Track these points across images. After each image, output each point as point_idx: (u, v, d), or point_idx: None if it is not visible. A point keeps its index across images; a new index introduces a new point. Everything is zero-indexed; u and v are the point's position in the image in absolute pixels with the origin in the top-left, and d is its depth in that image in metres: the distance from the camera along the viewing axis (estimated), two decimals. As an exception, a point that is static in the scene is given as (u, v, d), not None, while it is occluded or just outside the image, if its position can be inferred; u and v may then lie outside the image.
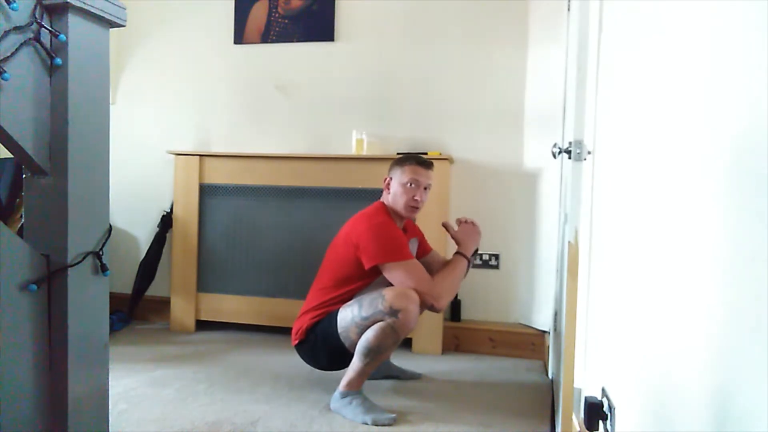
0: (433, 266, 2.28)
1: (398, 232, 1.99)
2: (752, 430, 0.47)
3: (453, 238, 2.12)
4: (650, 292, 0.81)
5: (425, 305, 1.92)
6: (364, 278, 1.98)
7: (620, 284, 1.02)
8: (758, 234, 0.47)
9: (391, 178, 2.08)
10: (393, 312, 1.84)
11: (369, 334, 1.86)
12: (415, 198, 2.02)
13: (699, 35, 0.66)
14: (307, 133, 3.04)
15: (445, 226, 2.16)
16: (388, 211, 2.06)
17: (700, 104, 0.64)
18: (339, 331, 1.92)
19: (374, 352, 1.86)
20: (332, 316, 1.96)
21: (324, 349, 1.99)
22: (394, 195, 2.05)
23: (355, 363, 1.90)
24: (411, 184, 2.02)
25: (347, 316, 1.92)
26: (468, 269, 2.07)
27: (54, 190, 0.96)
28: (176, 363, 2.41)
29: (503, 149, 2.80)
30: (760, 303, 0.46)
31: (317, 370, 2.25)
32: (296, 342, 2.05)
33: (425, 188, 2.05)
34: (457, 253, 2.07)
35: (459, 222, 2.15)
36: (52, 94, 0.95)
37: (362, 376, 1.91)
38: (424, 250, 2.28)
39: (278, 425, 1.81)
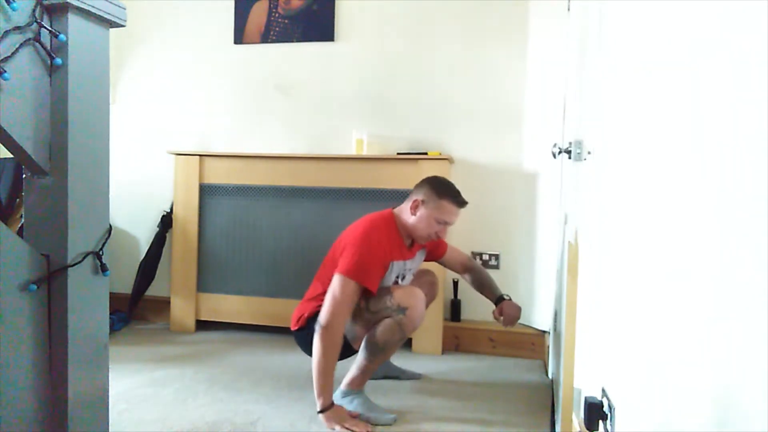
0: (452, 264, 2.28)
1: (379, 262, 1.89)
2: (752, 431, 0.47)
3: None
4: (650, 292, 0.81)
5: (319, 326, 1.81)
6: None
7: (620, 284, 1.02)
8: (760, 234, 0.47)
9: (422, 202, 1.94)
10: (400, 309, 1.84)
11: (375, 331, 1.87)
12: (438, 235, 1.97)
13: (698, 35, 0.66)
14: (307, 133, 3.04)
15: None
16: (397, 225, 1.99)
17: (701, 104, 0.64)
18: None
19: (380, 349, 1.87)
20: None
21: None
22: (419, 220, 1.94)
23: (360, 360, 1.90)
24: (442, 224, 1.95)
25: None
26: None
27: (54, 190, 0.96)
28: (176, 363, 2.41)
29: (503, 149, 2.80)
30: (760, 302, 0.46)
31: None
32: (296, 328, 2.02)
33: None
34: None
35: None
36: (52, 94, 0.95)
37: (365, 374, 1.91)
38: (438, 254, 2.24)
39: (278, 425, 1.81)
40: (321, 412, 1.78)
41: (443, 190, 1.95)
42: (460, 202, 1.96)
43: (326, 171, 2.79)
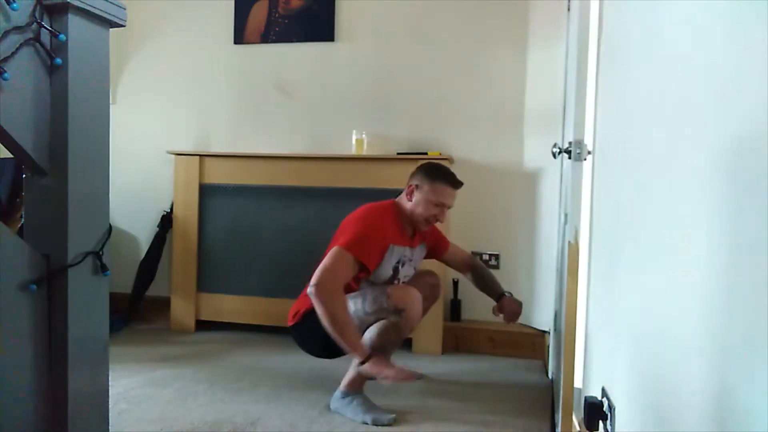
0: (454, 262, 2.27)
1: (378, 241, 1.89)
2: (752, 431, 0.47)
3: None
4: (650, 292, 0.81)
5: (311, 286, 1.78)
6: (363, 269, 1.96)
7: (620, 284, 1.02)
8: (758, 234, 0.47)
9: (416, 186, 1.98)
10: (397, 311, 1.84)
11: (372, 333, 1.86)
12: (437, 218, 1.97)
13: (697, 35, 0.66)
14: (307, 133, 3.04)
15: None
16: (398, 213, 2.01)
17: (700, 104, 0.64)
18: None
19: (377, 351, 1.86)
20: None
21: (320, 335, 1.93)
22: (416, 204, 1.96)
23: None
24: (438, 205, 1.95)
25: (350, 308, 1.90)
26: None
27: (54, 190, 0.96)
28: (176, 363, 2.41)
29: (503, 149, 2.80)
30: (760, 303, 0.46)
31: (317, 370, 2.25)
32: (292, 323, 2.01)
33: (448, 208, 2.01)
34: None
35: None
36: (52, 94, 0.95)
37: (364, 375, 1.90)
38: (439, 251, 2.24)
39: (278, 425, 1.81)
40: (363, 362, 1.75)
41: (436, 173, 1.98)
42: (454, 183, 1.98)
43: (326, 171, 2.79)
